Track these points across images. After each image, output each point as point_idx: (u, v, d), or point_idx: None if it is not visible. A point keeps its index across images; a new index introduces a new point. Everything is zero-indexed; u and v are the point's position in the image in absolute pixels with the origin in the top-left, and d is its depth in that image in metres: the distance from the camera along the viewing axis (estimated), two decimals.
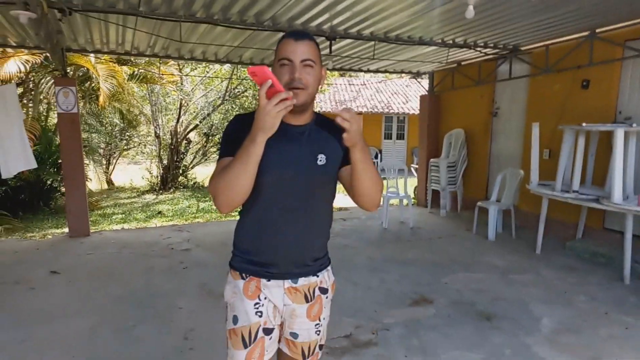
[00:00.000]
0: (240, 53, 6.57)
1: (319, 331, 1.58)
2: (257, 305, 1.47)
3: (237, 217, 1.56)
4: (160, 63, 10.14)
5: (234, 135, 1.38)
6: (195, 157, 14.38)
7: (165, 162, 13.37)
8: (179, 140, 13.38)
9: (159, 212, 9.63)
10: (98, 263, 4.97)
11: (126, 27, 4.98)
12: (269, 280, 1.48)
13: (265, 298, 1.48)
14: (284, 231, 1.44)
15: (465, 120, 7.73)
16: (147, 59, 9.84)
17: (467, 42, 5.89)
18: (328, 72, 12.34)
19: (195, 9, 4.37)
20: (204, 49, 6.26)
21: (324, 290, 1.57)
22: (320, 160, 1.43)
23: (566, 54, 5.48)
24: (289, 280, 1.49)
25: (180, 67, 12.28)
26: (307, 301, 1.52)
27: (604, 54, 5.13)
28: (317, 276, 1.54)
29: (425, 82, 9.07)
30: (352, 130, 1.23)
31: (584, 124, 4.86)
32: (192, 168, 14.28)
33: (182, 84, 12.66)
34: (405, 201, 7.01)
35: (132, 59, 9.92)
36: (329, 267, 1.61)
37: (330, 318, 1.65)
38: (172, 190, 12.84)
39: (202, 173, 14.37)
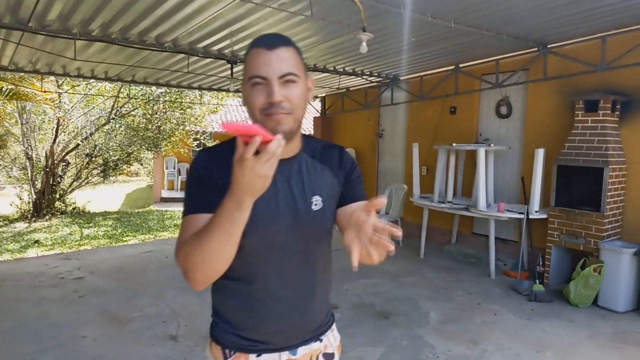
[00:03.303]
0: (134, 72, 6.42)
1: None
2: None
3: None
4: (39, 79, 9.32)
5: (207, 179, 1.05)
6: (74, 181, 13.25)
7: (38, 186, 12.11)
8: (55, 162, 12.24)
9: (36, 242, 8.72)
10: None
11: (8, 41, 4.64)
12: (259, 355, 1.17)
13: None
14: (280, 299, 1.14)
15: (355, 140, 8.40)
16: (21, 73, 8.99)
17: (356, 71, 6.51)
18: (224, 93, 12.37)
19: (93, 27, 4.27)
20: (93, 66, 6.01)
21: (329, 357, 1.28)
22: (316, 204, 1.13)
23: (437, 84, 6.37)
24: (287, 352, 1.19)
25: (59, 83, 11.35)
26: None
27: (467, 85, 6.08)
28: (321, 340, 1.25)
29: (316, 104, 9.65)
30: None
31: (453, 144, 5.70)
32: (70, 192, 13.13)
33: (60, 101, 11.67)
34: None
35: (1, 73, 8.97)
36: (333, 326, 1.32)
37: None
38: (47, 217, 11.65)
39: (83, 197, 13.30)
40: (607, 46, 4.55)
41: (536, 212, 4.93)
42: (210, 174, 1.06)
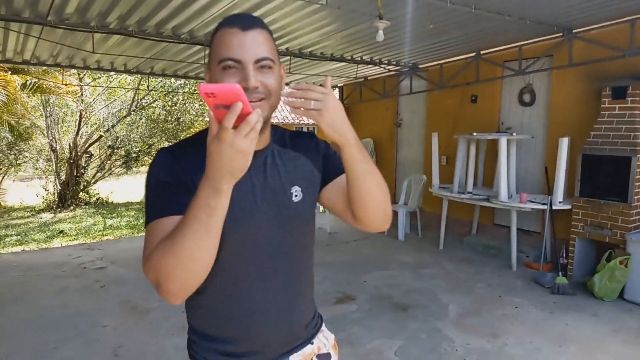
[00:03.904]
0: (152, 64, 6.46)
1: None
2: None
3: None
4: (61, 72, 9.50)
5: (171, 179, 0.94)
6: (97, 172, 13.54)
7: (63, 177, 12.41)
8: (78, 153, 12.52)
9: (61, 232, 8.96)
10: (1, 288, 4.58)
11: (29, 36, 4.71)
12: None
13: None
14: (265, 304, 1.05)
15: (373, 130, 8.31)
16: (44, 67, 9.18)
17: (373, 60, 6.41)
18: None
19: (110, 20, 4.29)
20: (112, 59, 6.06)
21: (325, 357, 1.20)
22: (296, 195, 1.05)
23: (457, 72, 6.22)
24: None
25: (81, 76, 11.54)
26: None
27: (488, 72, 5.92)
28: (312, 343, 1.17)
29: (334, 93, 9.58)
30: (328, 114, 0.86)
31: (474, 134, 5.57)
32: (94, 183, 13.43)
33: (82, 94, 11.89)
34: (321, 208, 7.34)
35: (25, 67, 9.17)
36: (323, 326, 1.24)
37: None
38: (72, 207, 11.96)
39: (106, 188, 13.58)
40: (636, 30, 4.35)
41: (560, 202, 4.79)
42: (174, 173, 0.95)
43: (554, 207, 4.79)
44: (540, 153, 5.63)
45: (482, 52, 5.91)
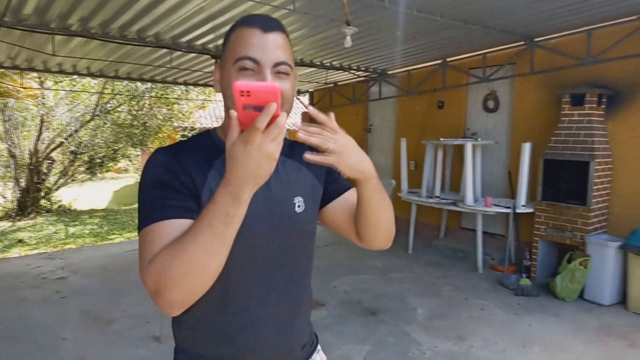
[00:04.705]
0: (117, 67, 6.29)
1: None
2: None
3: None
4: (20, 75, 9.13)
5: (172, 181, 0.89)
6: (60, 178, 13.05)
7: (23, 184, 11.91)
8: (39, 159, 12.04)
9: (20, 241, 8.57)
10: None
11: None
12: None
13: None
14: (263, 318, 0.99)
15: None
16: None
17: (343, 65, 6.45)
18: (211, 89, 12.23)
19: (71, 21, 4.15)
20: (75, 62, 5.88)
21: None
22: (299, 206, 1.02)
23: (424, 79, 6.34)
24: None
25: (42, 79, 11.13)
26: None
27: (454, 79, 6.05)
28: None
29: (304, 99, 9.58)
30: (345, 155, 0.86)
31: (441, 139, 5.68)
32: (56, 190, 12.93)
33: (43, 97, 11.46)
34: None
35: None
36: (318, 347, 1.19)
37: None
38: (32, 215, 11.47)
39: (69, 195, 13.10)
40: (593, 39, 4.54)
41: (523, 206, 4.93)
42: (174, 174, 0.89)
43: (517, 211, 4.92)
44: (504, 158, 5.78)
45: (448, 59, 6.03)
